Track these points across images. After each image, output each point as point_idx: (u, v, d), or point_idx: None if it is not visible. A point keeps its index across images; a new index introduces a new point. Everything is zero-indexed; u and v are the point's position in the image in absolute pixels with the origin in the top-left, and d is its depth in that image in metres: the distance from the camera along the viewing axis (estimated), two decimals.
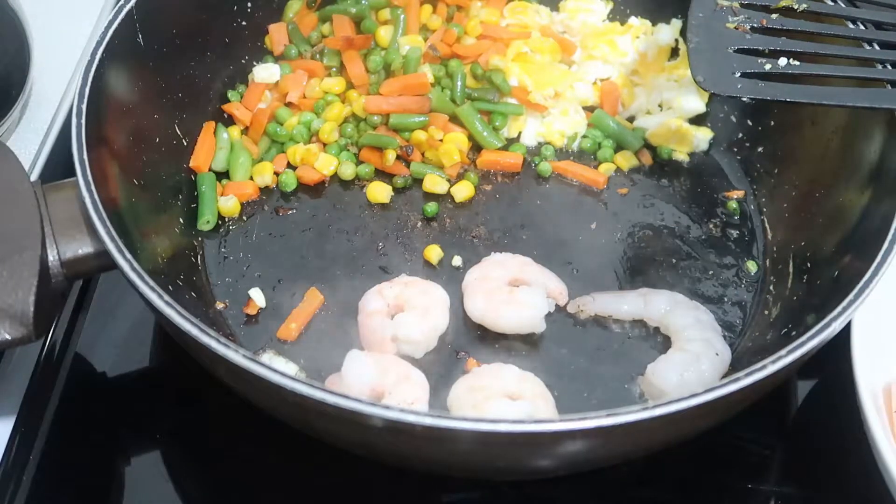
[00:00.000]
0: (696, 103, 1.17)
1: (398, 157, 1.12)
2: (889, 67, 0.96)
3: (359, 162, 1.13)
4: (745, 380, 0.75)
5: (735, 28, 0.99)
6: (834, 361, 1.01)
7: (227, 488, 0.97)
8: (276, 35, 1.19)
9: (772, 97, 0.96)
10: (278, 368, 0.75)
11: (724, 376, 0.89)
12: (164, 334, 1.06)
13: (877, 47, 0.98)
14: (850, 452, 0.91)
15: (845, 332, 0.90)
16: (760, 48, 0.98)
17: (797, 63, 0.97)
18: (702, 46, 0.98)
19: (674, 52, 1.21)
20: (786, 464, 0.98)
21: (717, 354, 0.94)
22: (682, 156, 1.16)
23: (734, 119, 1.17)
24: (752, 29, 0.99)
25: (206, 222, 1.06)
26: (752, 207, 1.11)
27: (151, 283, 0.80)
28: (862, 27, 1.00)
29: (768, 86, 0.96)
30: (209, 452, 1.00)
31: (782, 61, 0.97)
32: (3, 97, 1.09)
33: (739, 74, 0.96)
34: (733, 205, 1.11)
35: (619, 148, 1.15)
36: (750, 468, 0.98)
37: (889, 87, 0.95)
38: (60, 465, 0.97)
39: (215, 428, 1.00)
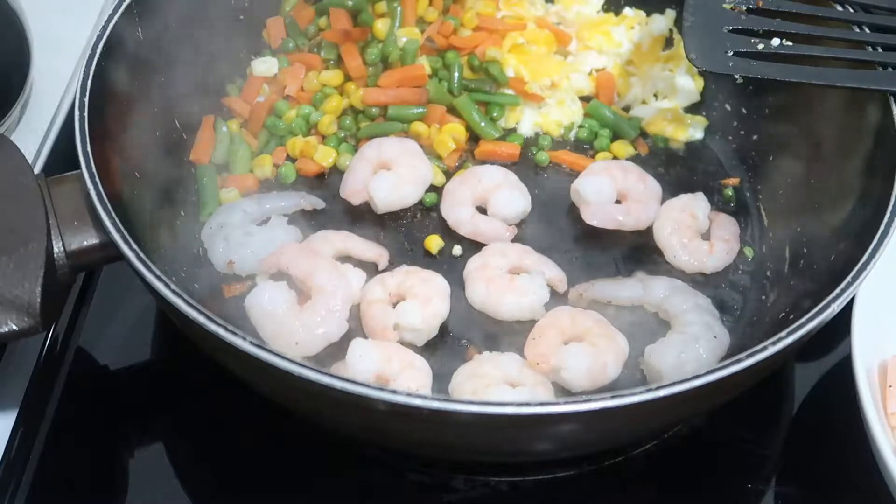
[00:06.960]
0: (691, 92, 1.18)
1: None
2: (880, 50, 0.97)
3: None
4: (747, 360, 0.76)
5: (731, 9, 1.00)
6: (833, 362, 1.03)
7: (231, 481, 0.98)
8: (274, 29, 1.20)
9: (762, 76, 0.97)
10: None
11: (722, 360, 0.90)
12: (167, 327, 1.06)
13: (867, 30, 0.99)
14: (850, 452, 0.91)
15: (844, 333, 0.90)
16: (755, 28, 0.99)
17: (790, 44, 0.98)
18: (697, 25, 0.99)
19: (668, 42, 1.22)
20: (786, 463, 0.98)
21: (715, 338, 0.94)
22: (677, 144, 1.17)
23: (728, 107, 1.18)
24: (748, 10, 1.00)
25: (208, 214, 1.06)
26: (748, 195, 1.12)
27: (158, 272, 0.81)
28: (851, 10, 1.01)
29: (760, 65, 0.97)
30: (213, 445, 1.00)
31: (775, 41, 0.98)
32: (3, 97, 1.10)
33: (732, 53, 0.97)
34: (729, 192, 1.12)
35: (615, 137, 1.16)
36: (750, 468, 0.98)
37: (880, 69, 0.96)
38: (63, 459, 0.97)
39: (219, 421, 1.00)
